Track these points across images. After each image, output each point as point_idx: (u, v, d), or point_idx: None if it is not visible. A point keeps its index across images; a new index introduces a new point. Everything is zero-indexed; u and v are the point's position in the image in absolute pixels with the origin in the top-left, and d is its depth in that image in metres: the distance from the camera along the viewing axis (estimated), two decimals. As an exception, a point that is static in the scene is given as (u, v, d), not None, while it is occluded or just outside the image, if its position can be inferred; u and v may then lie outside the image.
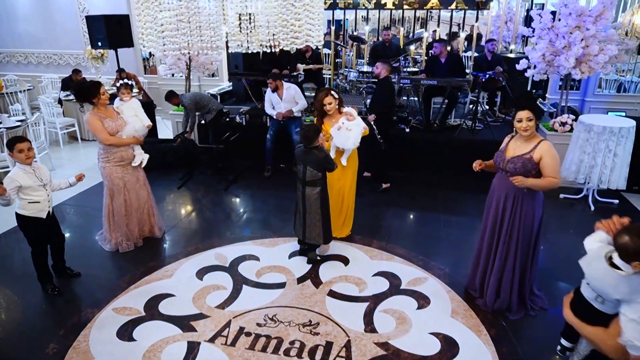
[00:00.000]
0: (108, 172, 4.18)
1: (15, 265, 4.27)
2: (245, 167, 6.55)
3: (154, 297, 3.70)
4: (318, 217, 3.97)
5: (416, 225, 5.00)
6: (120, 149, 4.14)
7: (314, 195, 3.92)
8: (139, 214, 4.44)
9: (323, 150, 3.89)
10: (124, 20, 6.49)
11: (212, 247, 4.47)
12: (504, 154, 3.23)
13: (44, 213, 3.58)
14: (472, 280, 3.68)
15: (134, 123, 4.21)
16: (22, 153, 3.36)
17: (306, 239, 4.08)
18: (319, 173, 3.88)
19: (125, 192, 4.29)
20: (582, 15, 5.17)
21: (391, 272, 4.03)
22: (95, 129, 3.99)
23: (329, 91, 4.23)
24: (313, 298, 3.68)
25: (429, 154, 6.20)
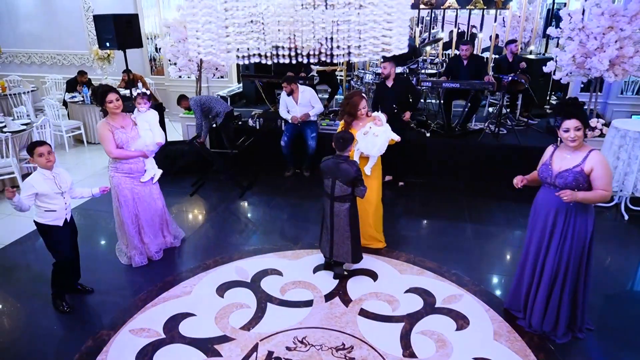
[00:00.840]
0: (116, 182, 3.96)
1: (23, 279, 4.03)
2: (260, 172, 6.31)
3: (173, 317, 3.46)
4: (347, 235, 3.71)
5: (443, 236, 4.76)
6: (129, 160, 3.91)
7: (343, 212, 3.67)
8: (153, 228, 4.21)
9: (354, 164, 3.62)
10: (134, 20, 6.22)
11: (232, 260, 4.23)
12: (550, 167, 2.97)
13: (61, 221, 3.41)
14: (514, 300, 3.44)
15: (145, 137, 3.96)
16: (43, 157, 3.22)
17: (333, 257, 3.84)
18: (349, 188, 3.61)
19: (134, 205, 4.05)
20: (615, 15, 4.94)
21: (423, 289, 3.80)
22: (102, 139, 3.78)
23: (362, 94, 4.01)
24: (344, 318, 3.45)
25: (451, 159, 5.97)
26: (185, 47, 6.11)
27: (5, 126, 5.87)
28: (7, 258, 4.38)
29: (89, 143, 7.77)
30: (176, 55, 6.23)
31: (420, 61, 6.95)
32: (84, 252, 3.85)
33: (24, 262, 4.31)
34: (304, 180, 6.19)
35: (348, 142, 3.58)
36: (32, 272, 4.13)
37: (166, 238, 4.38)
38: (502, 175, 5.84)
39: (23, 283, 3.96)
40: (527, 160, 5.68)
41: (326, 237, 3.83)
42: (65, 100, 7.92)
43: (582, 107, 2.92)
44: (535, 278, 3.20)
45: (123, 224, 4.06)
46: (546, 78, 7.12)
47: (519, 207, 5.34)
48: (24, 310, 3.59)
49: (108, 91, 3.72)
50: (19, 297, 3.76)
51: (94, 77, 8.72)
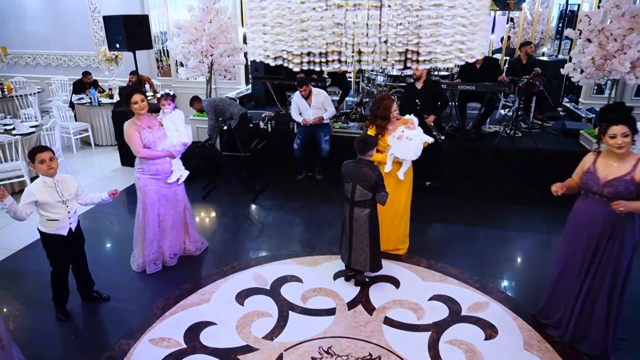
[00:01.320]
0: (142, 184, 3.89)
1: (36, 285, 3.93)
2: (272, 176, 6.22)
3: (193, 326, 3.37)
4: (366, 242, 3.61)
5: (462, 241, 4.67)
6: (156, 161, 3.83)
7: (363, 217, 3.56)
8: (173, 231, 4.12)
9: (376, 169, 3.52)
10: (144, 21, 6.16)
11: (249, 267, 4.14)
12: (596, 175, 2.84)
13: (65, 230, 3.28)
14: (549, 310, 3.31)
15: (172, 138, 3.90)
16: (44, 164, 3.07)
17: (351, 264, 3.74)
18: (369, 193, 3.51)
19: (159, 207, 3.97)
20: (636, 16, 4.85)
21: (448, 296, 3.71)
22: (129, 139, 3.71)
23: (392, 97, 3.95)
24: (368, 327, 3.36)
25: (466, 162, 5.88)
26: (196, 48, 6.03)
27: (14, 129, 5.77)
28: (18, 264, 4.29)
29: (97, 145, 7.67)
30: (187, 57, 6.13)
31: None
32: (94, 257, 3.76)
33: (36, 268, 4.20)
34: (316, 184, 6.10)
35: (369, 146, 3.49)
36: (44, 278, 4.00)
37: (186, 245, 4.29)
38: (519, 178, 5.79)
39: (36, 290, 3.86)
40: (545, 164, 5.64)
41: (345, 244, 3.74)
42: (72, 101, 7.82)
43: (629, 112, 2.80)
44: (581, 290, 3.03)
45: (144, 226, 3.98)
46: (560, 80, 7.05)
47: (537, 211, 5.27)
48: (39, 319, 3.50)
49: (133, 92, 3.66)
50: (33, 305, 3.67)
51: (101, 79, 8.63)
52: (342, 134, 6.18)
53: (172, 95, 4.05)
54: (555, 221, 5.13)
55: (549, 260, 4.39)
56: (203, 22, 5.97)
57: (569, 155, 5.61)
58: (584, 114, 6.74)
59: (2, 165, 5.27)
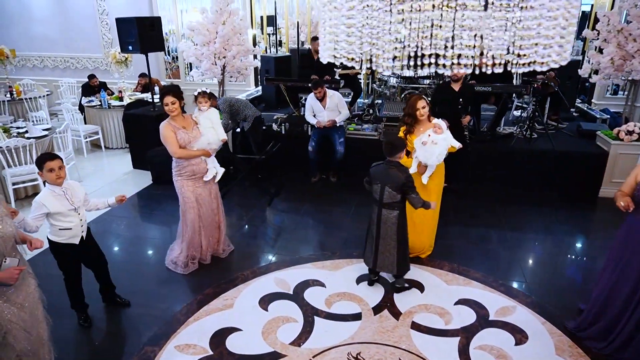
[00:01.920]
0: (180, 185, 3.93)
1: (57, 291, 3.86)
2: (285, 178, 6.17)
3: (218, 332, 3.32)
4: (394, 244, 3.57)
5: (483, 244, 4.63)
6: (191, 162, 3.85)
7: (391, 219, 3.53)
8: (210, 229, 4.14)
9: (405, 171, 3.48)
10: (156, 23, 6.11)
11: (270, 271, 4.10)
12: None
13: (77, 239, 3.20)
14: (595, 331, 3.14)
15: (208, 135, 3.88)
16: (53, 172, 2.94)
17: (377, 267, 3.69)
18: (398, 195, 3.48)
19: (198, 207, 3.99)
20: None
21: (474, 300, 3.66)
22: (166, 140, 3.73)
23: (422, 95, 3.91)
24: (396, 332, 3.31)
25: (482, 165, 5.83)
26: (209, 50, 5.99)
27: (27, 132, 5.73)
28: (38, 269, 4.23)
29: (107, 148, 7.63)
30: (200, 59, 6.09)
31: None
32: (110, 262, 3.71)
33: (57, 273, 4.15)
34: (331, 186, 6.06)
35: (398, 149, 3.45)
36: (60, 284, 3.97)
37: (218, 244, 4.29)
38: (536, 180, 5.75)
39: (57, 296, 3.80)
40: (563, 166, 5.60)
41: (370, 247, 3.69)
42: (82, 104, 7.77)
43: None
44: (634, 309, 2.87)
45: (186, 226, 4.02)
46: (573, 81, 7.00)
47: (558, 213, 5.22)
48: (62, 325, 3.44)
49: (166, 93, 3.67)
50: (52, 311, 3.59)
51: (110, 81, 8.60)
52: (356, 136, 6.13)
53: (208, 94, 4.03)
54: (575, 223, 5.10)
55: (571, 263, 4.36)
56: (216, 23, 5.93)
57: (586, 156, 5.59)
58: (598, 115, 6.69)
59: (16, 169, 5.23)
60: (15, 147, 5.11)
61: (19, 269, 2.38)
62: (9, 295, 2.42)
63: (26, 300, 2.53)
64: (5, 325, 2.42)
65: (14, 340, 2.45)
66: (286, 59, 7.79)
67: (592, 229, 5.12)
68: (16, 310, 2.44)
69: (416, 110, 3.87)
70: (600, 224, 5.20)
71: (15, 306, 2.44)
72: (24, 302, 2.50)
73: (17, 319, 2.45)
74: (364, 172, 6.01)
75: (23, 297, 2.51)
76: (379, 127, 6.21)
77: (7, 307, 2.41)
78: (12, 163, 5.20)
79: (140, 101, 7.34)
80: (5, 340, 2.45)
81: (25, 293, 2.54)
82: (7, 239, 2.36)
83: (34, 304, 2.59)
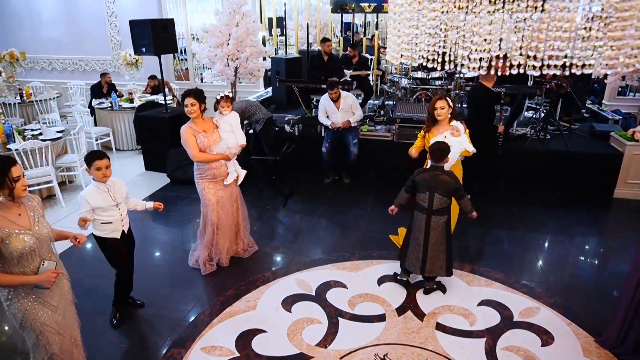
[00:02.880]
0: (201, 187, 3.96)
1: (78, 293, 3.86)
2: (298, 180, 6.17)
3: (243, 334, 3.31)
4: (443, 249, 3.57)
5: (501, 245, 4.63)
6: (212, 166, 3.86)
7: (441, 225, 3.51)
8: (229, 231, 4.15)
9: (454, 176, 3.49)
10: (169, 25, 6.12)
11: (290, 273, 4.09)
12: None
13: (118, 233, 3.30)
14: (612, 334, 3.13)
15: (227, 139, 3.89)
16: (100, 171, 3.09)
17: (426, 272, 3.66)
18: (448, 200, 3.48)
19: (218, 210, 4.00)
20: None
21: (497, 301, 3.66)
22: (187, 144, 3.74)
23: (444, 96, 3.92)
24: (422, 333, 3.31)
25: (497, 166, 5.81)
26: (223, 51, 6.00)
27: (41, 134, 5.73)
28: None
29: (118, 150, 7.63)
30: (213, 60, 6.10)
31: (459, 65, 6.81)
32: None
33: (76, 276, 4.13)
34: (344, 188, 6.06)
35: (446, 153, 3.44)
36: (85, 286, 3.95)
37: (238, 246, 4.30)
38: (551, 181, 5.75)
39: (78, 297, 3.79)
40: (577, 167, 5.60)
41: (416, 254, 3.62)
42: (92, 106, 7.77)
43: None
44: None
45: (206, 227, 4.04)
46: (584, 82, 7.01)
47: (573, 214, 5.22)
48: (85, 327, 3.43)
49: (186, 95, 3.67)
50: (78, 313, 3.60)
51: (120, 83, 8.60)
52: (369, 137, 6.14)
53: (231, 98, 4.03)
54: (592, 224, 5.10)
55: (591, 264, 4.36)
56: (229, 25, 5.94)
57: (601, 157, 5.59)
58: (610, 116, 6.69)
59: (32, 171, 5.22)
60: (31, 149, 5.10)
61: (57, 272, 2.38)
62: (44, 297, 2.41)
63: (60, 302, 2.53)
64: (39, 328, 2.41)
65: (46, 343, 2.46)
66: (297, 60, 7.80)
67: (610, 229, 5.12)
68: (50, 312, 2.44)
69: (434, 110, 3.89)
70: (617, 225, 5.20)
71: (50, 308, 2.44)
72: (58, 304, 2.50)
73: (50, 322, 2.44)
74: (377, 174, 6.07)
75: (57, 299, 2.51)
76: (392, 129, 6.22)
77: (41, 309, 2.41)
78: (27, 165, 5.20)
79: (151, 103, 7.34)
80: (38, 342, 2.44)
81: (60, 295, 2.54)
82: (43, 240, 2.36)
83: (67, 305, 2.60)
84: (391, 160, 5.96)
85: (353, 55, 7.30)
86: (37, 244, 2.32)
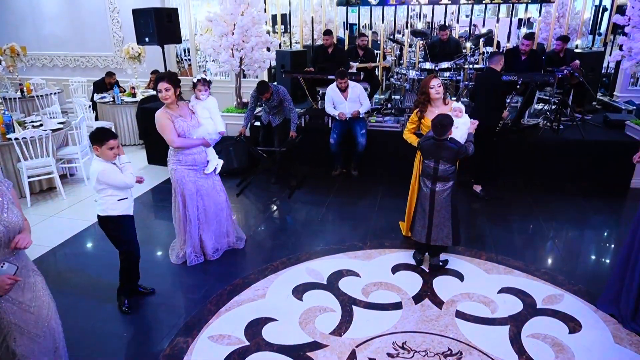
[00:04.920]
0: (179, 175, 3.69)
1: (81, 283, 3.71)
2: (306, 172, 6.02)
3: (253, 322, 3.14)
4: (448, 216, 3.54)
5: (518, 234, 4.46)
6: (192, 151, 3.65)
7: (446, 191, 3.50)
8: (216, 223, 3.93)
9: (456, 141, 3.44)
10: (173, 15, 6.00)
11: (300, 261, 3.93)
12: None
13: (132, 209, 3.23)
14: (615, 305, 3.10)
15: (207, 125, 3.70)
16: (112, 150, 2.99)
17: (431, 241, 3.62)
18: (453, 166, 3.48)
19: (199, 199, 3.79)
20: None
21: (518, 289, 3.49)
22: (163, 129, 3.51)
23: (436, 75, 3.80)
24: (441, 321, 3.13)
25: (510, 156, 5.66)
26: (228, 41, 5.87)
27: (42, 125, 5.59)
28: (57, 261, 4.08)
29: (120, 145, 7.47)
30: (217, 51, 5.97)
31: (469, 55, 6.69)
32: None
33: (77, 266, 4.00)
34: (352, 180, 5.90)
35: (447, 128, 3.34)
36: (87, 275, 3.82)
37: (229, 237, 4.09)
38: (566, 170, 5.59)
39: (82, 287, 3.65)
40: (592, 156, 5.44)
41: (421, 222, 3.63)
42: (94, 101, 7.64)
43: None
44: None
45: (185, 220, 3.80)
46: (596, 73, 6.86)
47: (590, 204, 5.05)
48: (88, 316, 3.27)
49: (159, 80, 3.44)
50: (80, 302, 3.45)
51: (122, 79, 8.48)
52: (377, 128, 5.98)
53: (208, 81, 3.81)
54: (610, 213, 4.94)
55: (612, 253, 4.18)
56: (234, 14, 5.81)
57: (617, 146, 5.43)
58: (623, 106, 6.54)
59: (33, 162, 5.08)
60: (31, 138, 4.96)
61: (13, 279, 1.98)
62: (14, 295, 2.10)
63: (33, 301, 2.17)
64: (6, 327, 2.10)
65: (14, 344, 2.13)
66: (302, 53, 7.67)
67: (628, 219, 4.93)
68: (20, 311, 2.12)
69: (430, 88, 3.72)
70: (635, 213, 5.00)
71: (20, 307, 2.12)
72: (30, 302, 2.16)
73: (18, 321, 2.12)
74: (386, 165, 5.90)
75: (30, 297, 2.16)
76: (400, 120, 6.07)
77: (9, 308, 2.09)
78: (27, 155, 5.05)
79: (154, 97, 7.21)
80: (5, 343, 2.13)
81: (32, 293, 2.18)
82: (12, 229, 2.02)
83: (44, 304, 2.22)
84: (400, 152, 5.78)
85: (362, 44, 7.15)
86: (4, 233, 1.98)
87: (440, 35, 7.34)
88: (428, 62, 6.68)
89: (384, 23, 8.69)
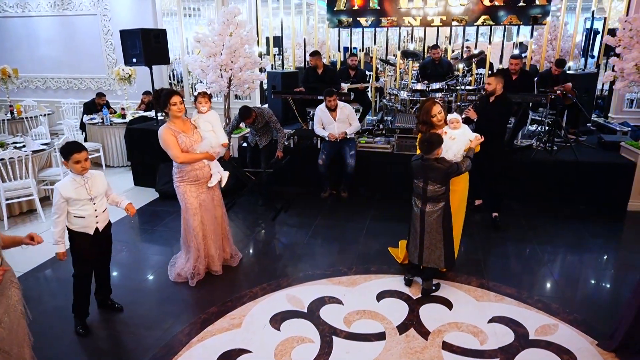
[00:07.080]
0: (182, 191, 3.66)
1: (46, 311, 3.51)
2: (294, 194, 5.87)
3: (225, 354, 2.94)
4: (439, 238, 3.41)
5: (511, 258, 4.27)
6: (194, 167, 3.60)
7: (436, 212, 3.38)
8: (215, 237, 3.85)
9: (446, 161, 3.31)
10: (161, 35, 5.97)
11: (281, 288, 3.73)
12: None
13: (91, 230, 3.04)
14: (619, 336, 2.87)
15: (210, 139, 3.64)
16: (79, 164, 2.89)
17: (423, 262, 3.48)
18: (443, 187, 3.33)
19: (202, 214, 3.72)
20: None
21: (509, 318, 3.29)
22: (167, 145, 3.48)
23: (434, 100, 3.67)
24: (426, 353, 2.93)
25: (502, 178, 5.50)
26: (215, 61, 5.81)
27: (25, 145, 5.48)
28: (25, 287, 3.88)
29: (108, 166, 7.37)
30: (205, 71, 5.90)
31: (460, 77, 6.63)
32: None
33: (46, 291, 3.82)
34: (342, 202, 5.74)
35: (435, 145, 3.23)
36: (54, 302, 3.62)
37: (225, 251, 4.02)
38: (560, 192, 5.43)
39: (47, 315, 3.45)
40: (587, 177, 5.29)
41: (414, 242, 3.51)
42: (83, 122, 7.55)
43: None
44: None
45: (190, 235, 3.73)
46: (590, 94, 6.79)
47: (585, 227, 4.87)
48: (55, 344, 3.07)
49: (172, 93, 3.47)
50: (46, 331, 3.25)
51: (113, 101, 8.43)
52: (368, 149, 5.86)
53: (209, 95, 3.79)
54: (607, 237, 4.75)
55: (611, 279, 3.99)
56: (223, 35, 5.77)
57: (612, 167, 5.29)
58: (618, 128, 6.43)
59: (11, 184, 4.94)
60: (10, 159, 4.84)
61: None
62: None
63: (6, 314, 2.17)
64: None
65: None
66: (293, 74, 7.63)
67: (627, 243, 4.76)
68: None
69: (432, 117, 3.58)
70: (634, 237, 4.84)
71: None
72: (2, 316, 2.14)
73: None
74: (376, 187, 5.76)
75: (3, 310, 2.15)
76: (391, 140, 5.95)
77: None
78: (6, 177, 4.92)
79: (143, 117, 7.13)
80: None
81: (6, 306, 2.18)
82: None
83: (16, 319, 2.23)
84: (391, 173, 5.68)
85: (353, 64, 7.11)
86: None
87: (431, 54, 7.30)
88: (420, 83, 6.61)
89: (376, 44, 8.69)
